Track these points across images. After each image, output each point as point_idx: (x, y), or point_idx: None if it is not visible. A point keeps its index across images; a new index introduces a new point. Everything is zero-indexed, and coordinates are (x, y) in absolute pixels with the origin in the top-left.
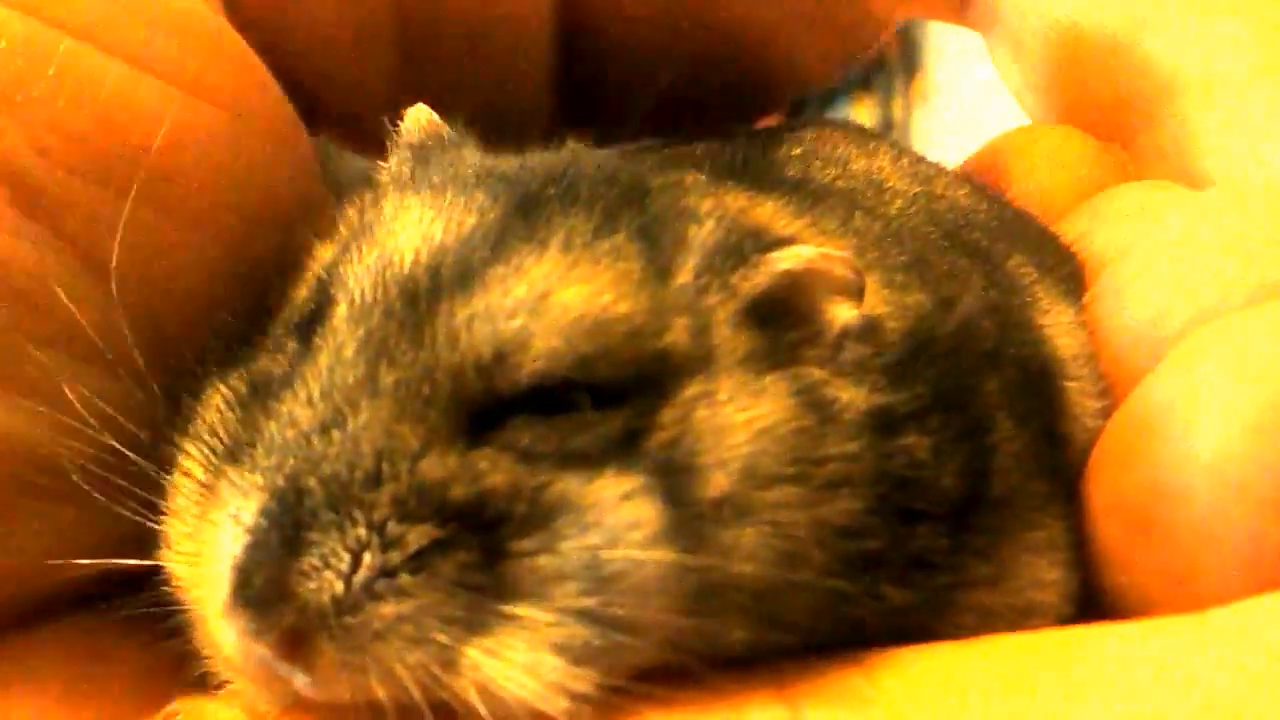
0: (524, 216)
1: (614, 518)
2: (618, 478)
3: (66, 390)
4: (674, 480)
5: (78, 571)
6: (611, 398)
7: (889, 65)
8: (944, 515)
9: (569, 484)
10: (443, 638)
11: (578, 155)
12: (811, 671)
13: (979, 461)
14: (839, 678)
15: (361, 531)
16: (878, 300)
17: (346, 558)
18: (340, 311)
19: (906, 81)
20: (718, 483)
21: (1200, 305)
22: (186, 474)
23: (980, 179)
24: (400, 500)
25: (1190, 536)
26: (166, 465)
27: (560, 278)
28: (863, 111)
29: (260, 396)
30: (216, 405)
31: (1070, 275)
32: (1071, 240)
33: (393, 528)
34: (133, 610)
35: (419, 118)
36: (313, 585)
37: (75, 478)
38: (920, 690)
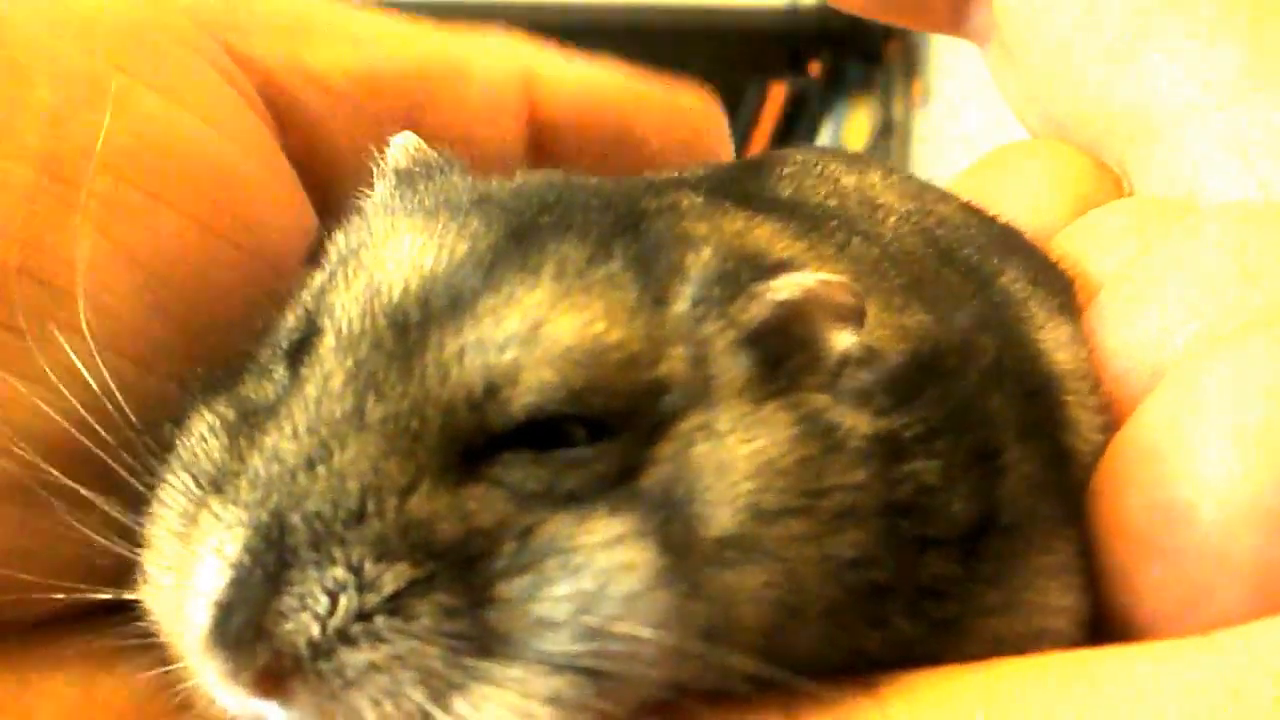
0: (517, 244)
1: (605, 561)
2: (610, 519)
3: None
4: (672, 520)
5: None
6: (606, 430)
7: (889, 66)
8: (955, 541)
9: (560, 525)
10: (417, 693)
11: (572, 181)
12: (819, 698)
13: (989, 484)
14: (848, 705)
15: (340, 572)
16: (876, 324)
17: (324, 600)
18: (328, 341)
19: (907, 83)
20: (720, 521)
21: (1203, 324)
22: (166, 504)
23: (974, 193)
24: (382, 539)
25: (1196, 557)
26: (151, 489)
27: (552, 307)
28: (862, 112)
29: (247, 424)
30: (200, 433)
31: (1062, 290)
32: (1066, 257)
33: (370, 568)
34: (117, 641)
35: (406, 145)
36: (290, 627)
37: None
38: (930, 716)
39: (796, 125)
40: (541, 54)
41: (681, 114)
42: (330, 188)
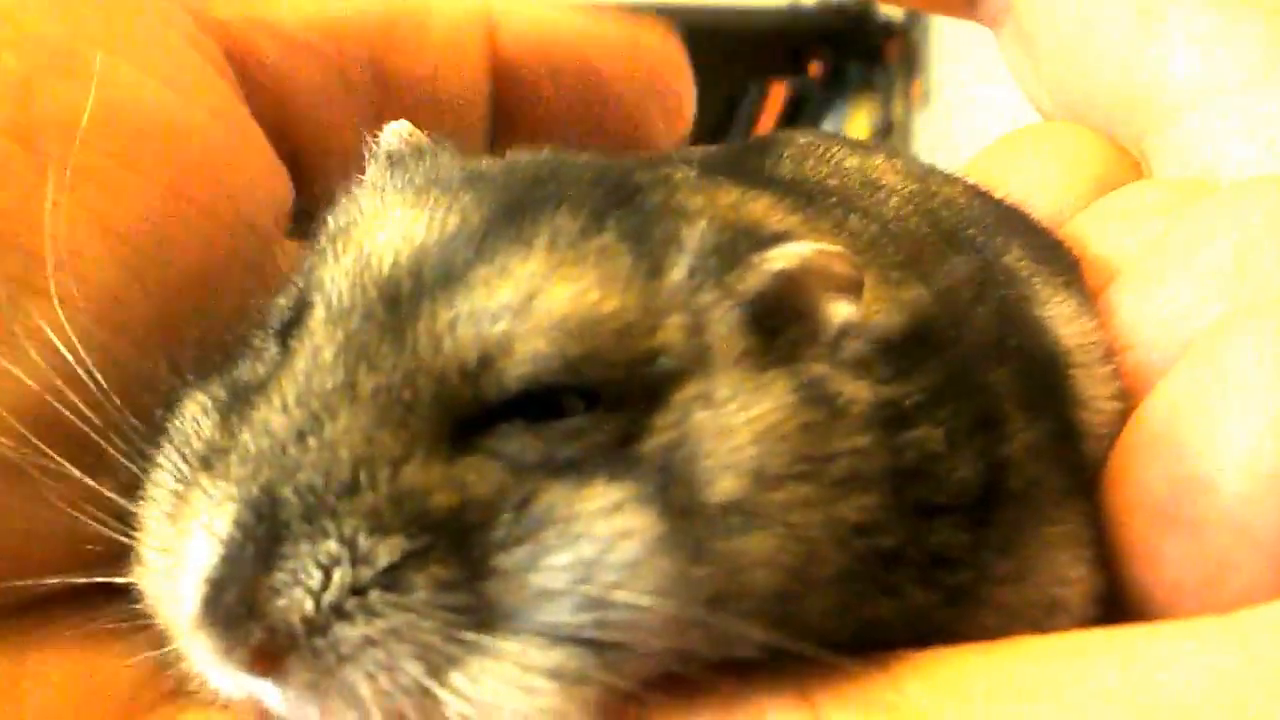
0: (509, 217)
1: (605, 529)
2: (609, 486)
3: (60, 346)
4: (673, 487)
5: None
6: (603, 401)
7: (890, 66)
8: (963, 508)
9: (557, 494)
10: (414, 667)
11: (565, 156)
12: (834, 676)
13: (995, 452)
14: (863, 682)
15: (333, 545)
16: (873, 296)
17: (318, 574)
18: (317, 314)
19: (907, 83)
20: (725, 487)
21: (1234, 299)
22: (158, 485)
23: (990, 175)
24: (375, 511)
25: (1218, 530)
26: (143, 470)
27: (546, 277)
28: (863, 112)
29: (239, 402)
30: (191, 414)
31: (1068, 267)
32: (1086, 238)
33: (364, 541)
34: (115, 622)
35: (399, 130)
36: (283, 603)
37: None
38: (945, 695)
39: (796, 125)
40: None
41: (642, 51)
42: (302, 147)
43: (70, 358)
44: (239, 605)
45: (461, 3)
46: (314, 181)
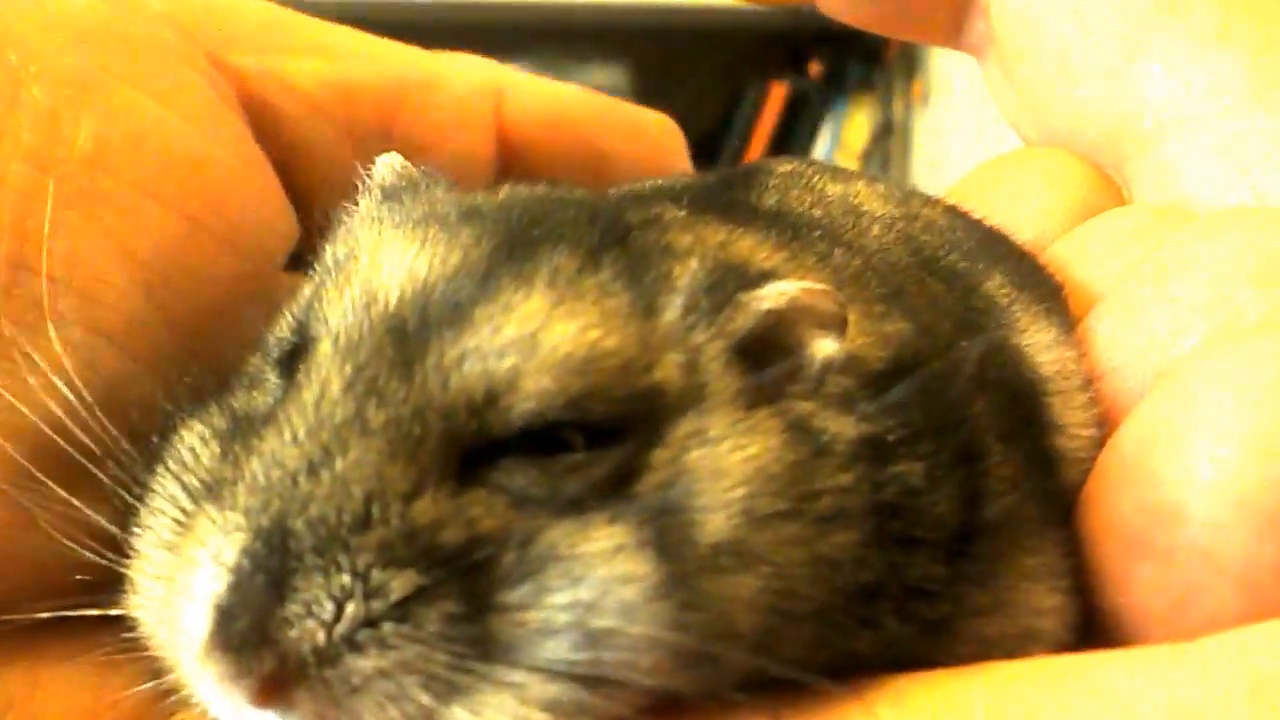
0: (509, 254)
1: (605, 572)
2: (610, 527)
3: (69, 371)
4: (669, 528)
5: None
6: (604, 436)
7: (889, 66)
8: (941, 542)
9: (560, 532)
10: (423, 697)
11: (558, 193)
12: (806, 701)
13: (973, 486)
14: (835, 707)
15: (346, 579)
16: (857, 331)
17: (330, 606)
18: (324, 348)
19: (907, 83)
20: (716, 527)
21: (1212, 326)
22: (155, 513)
23: (973, 200)
24: (387, 545)
25: (1187, 556)
26: (140, 499)
27: (548, 315)
28: (862, 112)
29: (240, 432)
30: (190, 442)
31: (1049, 293)
32: (1066, 263)
33: (377, 575)
34: (124, 642)
35: (391, 163)
36: (294, 633)
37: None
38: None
39: (796, 125)
40: (511, 73)
41: (644, 131)
42: (307, 194)
43: (70, 390)
44: (251, 633)
45: (471, 77)
46: (312, 223)
